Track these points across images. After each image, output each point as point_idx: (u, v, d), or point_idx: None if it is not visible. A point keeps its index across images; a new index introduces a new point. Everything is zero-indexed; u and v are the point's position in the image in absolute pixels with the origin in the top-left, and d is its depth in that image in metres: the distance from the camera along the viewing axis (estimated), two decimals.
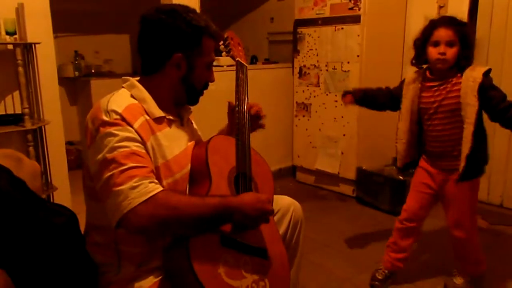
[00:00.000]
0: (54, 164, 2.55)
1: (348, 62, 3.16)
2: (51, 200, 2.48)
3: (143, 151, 1.10)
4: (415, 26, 2.18)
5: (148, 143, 1.12)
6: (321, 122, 3.42)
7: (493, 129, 3.04)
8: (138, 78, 1.25)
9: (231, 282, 1.06)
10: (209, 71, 1.28)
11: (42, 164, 2.49)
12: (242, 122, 1.36)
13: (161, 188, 1.06)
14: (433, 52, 1.76)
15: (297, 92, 3.59)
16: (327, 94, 3.34)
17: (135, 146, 1.07)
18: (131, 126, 1.09)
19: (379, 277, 2.04)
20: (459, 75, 1.77)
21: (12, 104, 2.43)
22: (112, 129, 1.07)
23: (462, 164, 1.76)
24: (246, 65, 1.49)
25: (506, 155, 3.03)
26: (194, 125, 1.42)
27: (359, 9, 3.02)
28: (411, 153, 1.96)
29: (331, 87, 3.30)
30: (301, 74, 3.52)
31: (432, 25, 1.78)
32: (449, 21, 1.76)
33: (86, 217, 1.25)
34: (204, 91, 1.32)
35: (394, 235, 2.03)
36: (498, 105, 1.72)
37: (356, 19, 3.05)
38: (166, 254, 1.10)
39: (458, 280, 1.99)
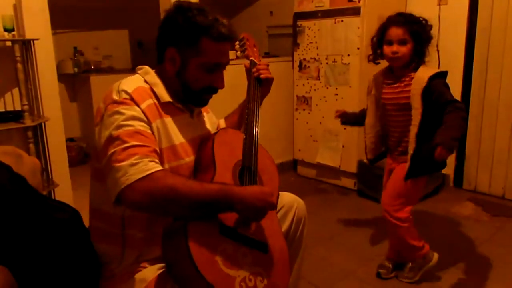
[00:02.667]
0: (54, 160, 2.55)
1: (348, 55, 3.14)
2: (53, 197, 2.48)
3: (148, 131, 1.12)
4: None
5: (153, 124, 1.15)
6: (321, 116, 3.41)
7: (495, 121, 3.05)
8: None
9: (228, 271, 1.06)
10: (210, 75, 1.23)
11: (42, 161, 2.48)
12: (251, 118, 1.36)
13: (160, 168, 1.07)
14: (386, 50, 1.85)
15: (297, 85, 3.58)
16: (327, 87, 3.33)
17: (139, 126, 1.11)
18: (138, 106, 1.13)
19: (386, 265, 2.07)
20: (412, 75, 1.84)
21: (12, 101, 2.42)
22: (120, 108, 1.11)
23: (407, 164, 1.85)
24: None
25: (508, 147, 3.02)
26: (205, 118, 1.42)
27: (358, 1, 3.00)
28: (378, 146, 2.06)
29: (332, 80, 3.29)
30: (301, 67, 3.51)
31: (385, 24, 1.86)
32: (400, 20, 1.82)
33: (90, 203, 1.26)
34: (210, 95, 1.29)
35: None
36: (443, 110, 1.75)
37: (356, 11, 3.03)
38: (165, 238, 1.10)
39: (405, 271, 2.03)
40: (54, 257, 1.10)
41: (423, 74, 1.80)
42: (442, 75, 1.81)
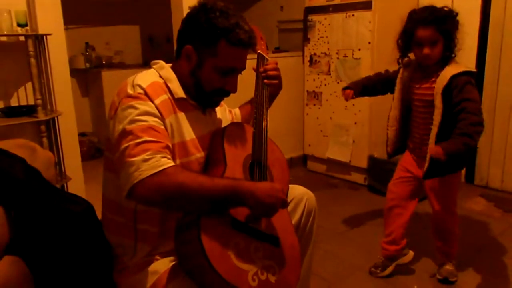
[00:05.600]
0: (67, 154, 2.58)
1: (359, 50, 3.12)
2: (66, 190, 2.51)
3: (161, 127, 1.13)
4: None
5: (167, 120, 1.16)
6: (332, 111, 3.40)
7: (507, 116, 3.01)
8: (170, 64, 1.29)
9: (241, 265, 1.06)
10: (224, 78, 1.23)
11: (55, 155, 2.51)
12: (260, 112, 1.36)
13: (172, 164, 1.08)
14: (417, 52, 1.78)
15: (307, 80, 3.57)
16: (338, 82, 3.31)
17: (153, 121, 1.11)
18: (152, 102, 1.13)
19: (378, 264, 2.07)
20: (439, 72, 1.77)
21: (25, 95, 2.45)
22: (134, 102, 1.12)
23: (426, 164, 1.78)
24: (268, 58, 1.48)
25: None
26: (218, 113, 1.43)
27: None
28: (400, 139, 2.02)
29: (342, 75, 3.27)
30: (312, 62, 3.49)
31: (413, 25, 1.75)
32: (427, 19, 1.71)
33: (103, 195, 1.27)
34: (222, 97, 1.30)
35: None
36: (458, 114, 1.68)
37: (367, 5, 3.01)
38: (177, 232, 1.11)
39: (449, 266, 2.00)
40: (67, 249, 1.11)
41: (447, 72, 1.73)
42: (468, 73, 1.72)
